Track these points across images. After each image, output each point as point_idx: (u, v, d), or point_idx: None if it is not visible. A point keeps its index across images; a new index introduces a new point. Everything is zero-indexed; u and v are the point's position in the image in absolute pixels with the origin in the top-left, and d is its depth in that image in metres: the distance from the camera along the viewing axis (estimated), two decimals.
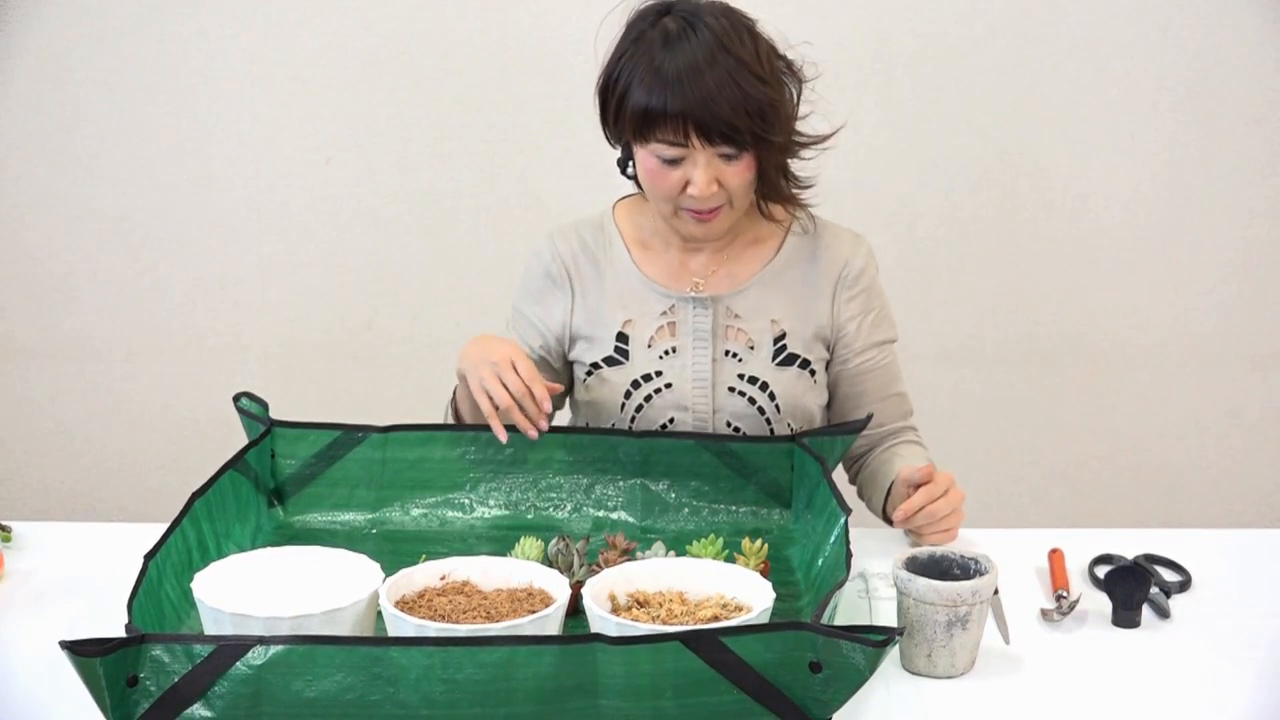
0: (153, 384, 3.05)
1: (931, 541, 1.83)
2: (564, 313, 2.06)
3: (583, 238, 2.07)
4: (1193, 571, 1.81)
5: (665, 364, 2.02)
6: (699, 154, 1.86)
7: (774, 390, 2.01)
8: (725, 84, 1.83)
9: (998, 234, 2.93)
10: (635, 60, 1.88)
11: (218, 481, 1.78)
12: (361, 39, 2.87)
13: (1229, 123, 2.87)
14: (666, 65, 1.84)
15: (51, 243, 2.98)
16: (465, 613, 1.51)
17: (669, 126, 1.85)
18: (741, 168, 1.88)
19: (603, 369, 2.04)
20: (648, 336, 2.03)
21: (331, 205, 2.95)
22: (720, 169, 1.88)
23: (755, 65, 1.86)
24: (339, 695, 1.36)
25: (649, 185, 1.93)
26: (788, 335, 2.02)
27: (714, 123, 1.83)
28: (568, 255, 2.06)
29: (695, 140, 1.85)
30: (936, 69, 2.86)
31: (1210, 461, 3.04)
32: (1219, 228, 2.93)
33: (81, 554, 1.89)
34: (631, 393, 2.03)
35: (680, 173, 1.88)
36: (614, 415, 2.04)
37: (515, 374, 1.85)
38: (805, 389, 2.02)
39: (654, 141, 1.87)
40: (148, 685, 1.35)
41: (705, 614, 1.52)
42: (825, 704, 1.37)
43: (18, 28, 2.88)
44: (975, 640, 1.58)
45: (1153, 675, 1.58)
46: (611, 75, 1.91)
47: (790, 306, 2.02)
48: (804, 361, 2.02)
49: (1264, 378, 2.99)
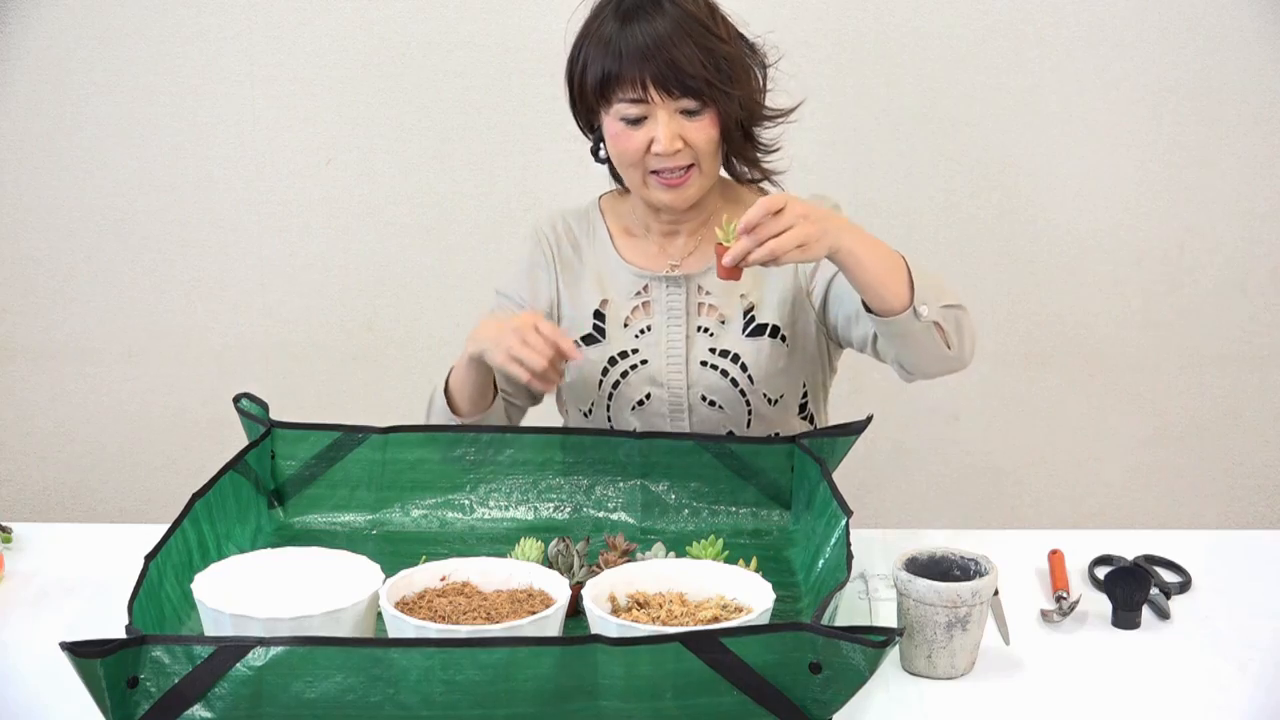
0: (153, 385, 3.04)
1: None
2: (550, 291, 2.09)
3: (568, 223, 2.12)
4: (1192, 572, 1.81)
5: (641, 341, 2.04)
6: (659, 109, 1.90)
7: (745, 361, 2.02)
8: (681, 40, 1.88)
9: (997, 235, 2.93)
10: (594, 35, 1.94)
11: (218, 483, 1.78)
12: (361, 41, 2.87)
13: (1228, 125, 2.87)
14: (623, 32, 1.90)
15: (52, 244, 2.98)
16: (465, 614, 1.51)
17: (628, 84, 1.89)
18: (704, 123, 1.91)
19: (581, 348, 2.05)
20: (623, 315, 2.05)
21: (332, 206, 2.95)
22: (683, 125, 1.91)
23: (712, 26, 1.92)
24: (339, 696, 1.36)
25: (616, 153, 1.96)
26: (756, 306, 2.03)
27: (673, 75, 1.88)
28: (551, 239, 2.10)
29: (655, 94, 1.89)
30: (936, 71, 2.86)
31: (1209, 462, 3.04)
32: (1218, 230, 2.92)
33: (82, 555, 1.89)
34: (609, 369, 2.05)
35: (644, 132, 1.91)
36: (593, 393, 2.06)
37: (539, 335, 1.84)
38: (778, 356, 2.03)
39: (616, 103, 1.91)
40: (148, 686, 1.36)
41: (705, 615, 1.52)
42: (825, 705, 1.37)
43: (18, 30, 2.88)
44: (975, 641, 1.58)
45: (1153, 676, 1.58)
46: (574, 55, 1.97)
47: (757, 278, 2.04)
48: (774, 329, 2.03)
49: (1262, 379, 2.99)
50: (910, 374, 1.93)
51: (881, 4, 2.83)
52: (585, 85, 1.94)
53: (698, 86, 1.89)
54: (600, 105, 1.94)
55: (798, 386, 2.08)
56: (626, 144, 1.93)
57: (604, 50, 1.91)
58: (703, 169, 1.95)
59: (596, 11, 1.96)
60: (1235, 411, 3.01)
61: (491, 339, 1.88)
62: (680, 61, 1.87)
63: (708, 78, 1.88)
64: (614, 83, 1.90)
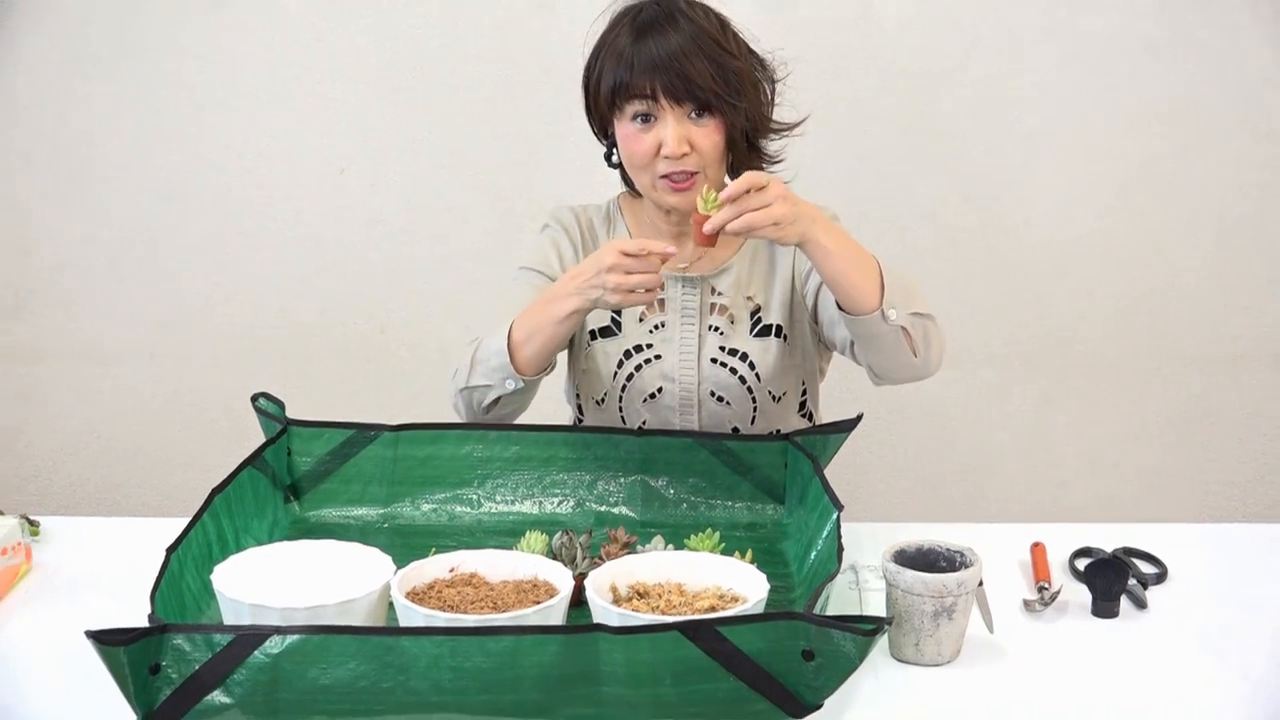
0: (174, 385, 3.04)
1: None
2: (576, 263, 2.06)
3: (590, 217, 2.12)
4: (1169, 564, 1.81)
5: (655, 337, 2.04)
6: (668, 113, 1.90)
7: (753, 360, 2.03)
8: (692, 50, 1.89)
9: (982, 243, 2.93)
10: (610, 47, 1.94)
11: (237, 478, 1.78)
12: (374, 57, 2.88)
13: (1201, 138, 2.88)
14: (638, 45, 1.90)
15: (78, 251, 2.98)
16: (473, 603, 1.51)
17: (639, 87, 1.90)
18: (710, 130, 1.91)
19: (598, 339, 2.05)
20: (639, 310, 2.05)
21: (345, 214, 2.95)
22: (690, 129, 1.91)
23: (724, 41, 1.92)
24: (352, 682, 1.36)
25: (628, 155, 1.96)
26: (762, 308, 2.04)
27: (680, 81, 1.88)
28: (571, 223, 2.10)
29: (664, 99, 1.89)
30: (925, 85, 2.86)
31: (1185, 459, 3.04)
32: (1192, 238, 2.93)
33: (106, 548, 1.89)
34: (624, 362, 2.05)
35: (653, 134, 1.91)
36: (607, 383, 2.06)
37: (626, 257, 1.78)
38: (782, 354, 2.04)
39: (627, 105, 1.92)
40: (169, 673, 1.35)
41: (703, 605, 1.52)
42: (818, 690, 1.37)
43: (47, 49, 2.88)
44: (961, 630, 1.57)
45: (1130, 663, 1.58)
46: (591, 65, 1.98)
47: (763, 280, 2.05)
48: (779, 329, 2.04)
49: (1236, 380, 2.99)
50: (879, 378, 1.94)
51: (872, 23, 2.83)
52: (599, 94, 1.95)
53: (706, 98, 1.89)
54: (613, 112, 1.95)
55: (798, 384, 2.09)
56: (636, 146, 1.93)
57: (618, 62, 1.91)
58: (708, 175, 1.95)
59: (614, 24, 1.96)
60: (1209, 411, 3.01)
61: (585, 275, 1.81)
62: (691, 75, 1.87)
63: (716, 90, 1.89)
64: (625, 91, 1.91)
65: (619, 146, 1.98)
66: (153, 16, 2.86)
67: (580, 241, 2.09)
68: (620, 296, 1.80)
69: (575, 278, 1.84)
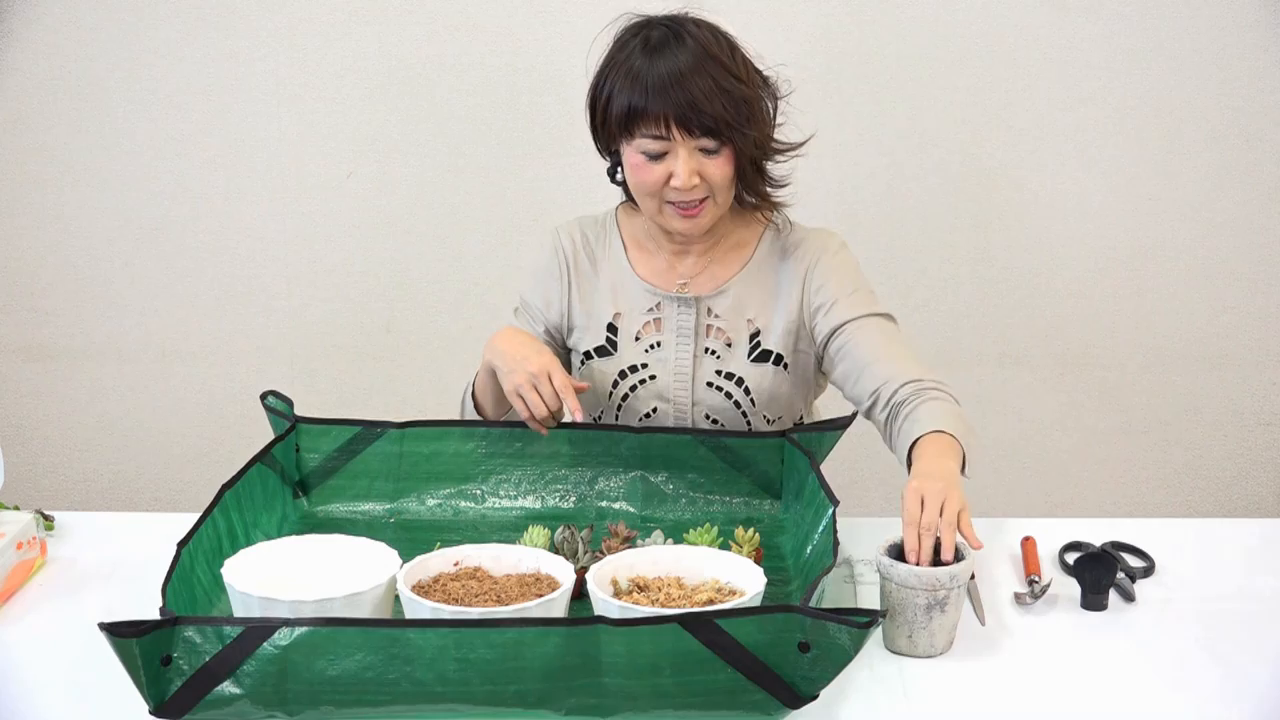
0: (185, 383, 3.04)
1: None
2: (561, 301, 2.05)
3: (585, 233, 2.07)
4: (1156, 558, 1.81)
5: (650, 357, 2.02)
6: (680, 147, 1.85)
7: (749, 385, 2.00)
8: (704, 82, 1.83)
9: (974, 243, 2.93)
10: (620, 67, 1.88)
11: (246, 474, 1.78)
12: (380, 62, 2.87)
13: (1188, 140, 2.87)
14: (649, 67, 1.85)
15: (92, 252, 2.98)
16: (477, 596, 1.51)
17: (651, 121, 1.85)
18: (721, 161, 1.87)
19: (594, 359, 2.04)
20: (635, 330, 2.02)
21: (352, 216, 2.95)
22: (701, 162, 1.87)
23: (733, 67, 1.87)
24: (359, 673, 1.35)
25: (635, 182, 1.92)
26: (762, 333, 2.00)
27: (694, 116, 1.83)
28: (569, 248, 2.06)
29: (676, 133, 1.84)
30: (916, 87, 2.85)
31: (1171, 456, 3.04)
32: (1178, 238, 2.92)
33: (119, 542, 1.88)
34: (619, 382, 2.03)
35: (663, 167, 1.87)
36: (603, 402, 2.04)
37: (551, 386, 1.85)
38: (780, 382, 2.00)
39: (638, 137, 1.87)
40: (181, 664, 1.35)
41: (701, 598, 1.52)
42: (813, 681, 1.37)
43: (63, 53, 2.87)
44: (953, 622, 1.57)
45: (1119, 654, 1.58)
46: (598, 84, 1.92)
47: (765, 304, 2.00)
48: (777, 357, 2.00)
49: (1220, 378, 2.99)
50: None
51: (867, 30, 2.83)
52: (610, 115, 1.89)
53: (716, 126, 1.83)
54: (622, 136, 1.89)
55: (795, 409, 2.05)
56: (646, 176, 1.88)
57: (630, 83, 1.85)
58: (717, 201, 1.91)
59: (622, 43, 1.90)
60: (1195, 408, 3.01)
61: (508, 366, 1.87)
62: (699, 99, 1.82)
63: (726, 118, 1.83)
64: (638, 118, 1.85)
65: (626, 172, 1.93)
66: (167, 23, 2.85)
67: (576, 271, 2.04)
68: (511, 393, 1.87)
69: (506, 339, 1.90)
